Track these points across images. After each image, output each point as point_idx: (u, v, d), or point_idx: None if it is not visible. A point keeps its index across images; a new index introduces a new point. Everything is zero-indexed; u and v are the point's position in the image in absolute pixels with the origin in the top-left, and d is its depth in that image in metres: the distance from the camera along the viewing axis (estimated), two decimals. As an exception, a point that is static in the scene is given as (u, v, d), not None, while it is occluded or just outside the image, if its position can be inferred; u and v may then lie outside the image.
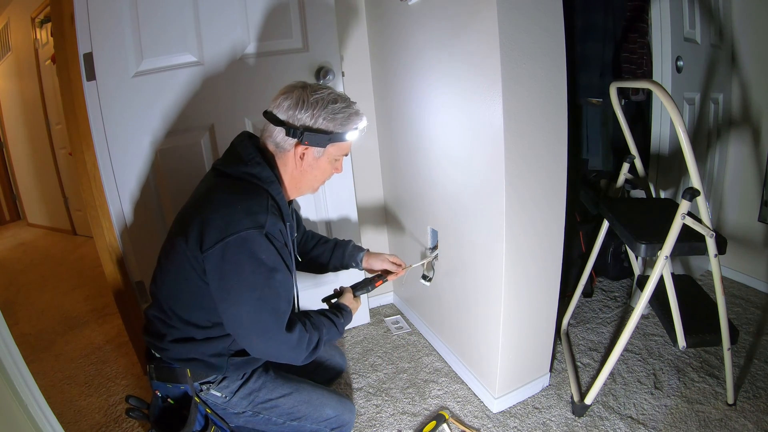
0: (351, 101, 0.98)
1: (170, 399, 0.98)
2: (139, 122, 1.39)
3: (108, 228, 1.44)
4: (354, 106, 0.98)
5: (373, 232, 1.95)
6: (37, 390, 0.88)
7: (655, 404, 1.38)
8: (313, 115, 0.93)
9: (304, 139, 0.93)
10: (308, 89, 0.94)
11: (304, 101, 0.93)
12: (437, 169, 1.45)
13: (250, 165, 0.94)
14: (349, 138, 0.98)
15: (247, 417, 1.02)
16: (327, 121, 0.94)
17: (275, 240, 0.89)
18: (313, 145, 0.95)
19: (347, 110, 0.96)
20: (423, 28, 1.36)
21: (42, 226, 3.96)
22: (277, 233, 0.90)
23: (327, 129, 0.94)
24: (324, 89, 0.95)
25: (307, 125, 0.93)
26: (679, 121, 1.08)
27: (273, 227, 0.89)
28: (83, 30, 1.29)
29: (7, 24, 3.43)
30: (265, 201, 0.90)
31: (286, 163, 0.98)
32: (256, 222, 0.86)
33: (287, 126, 0.93)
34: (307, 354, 0.94)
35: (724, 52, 1.89)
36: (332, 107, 0.94)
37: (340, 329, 1.04)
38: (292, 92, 0.94)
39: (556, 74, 1.15)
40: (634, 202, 1.64)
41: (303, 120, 0.93)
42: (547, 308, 1.39)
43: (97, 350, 1.88)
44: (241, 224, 0.85)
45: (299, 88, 0.95)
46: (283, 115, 0.94)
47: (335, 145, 0.97)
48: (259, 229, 0.86)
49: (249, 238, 0.85)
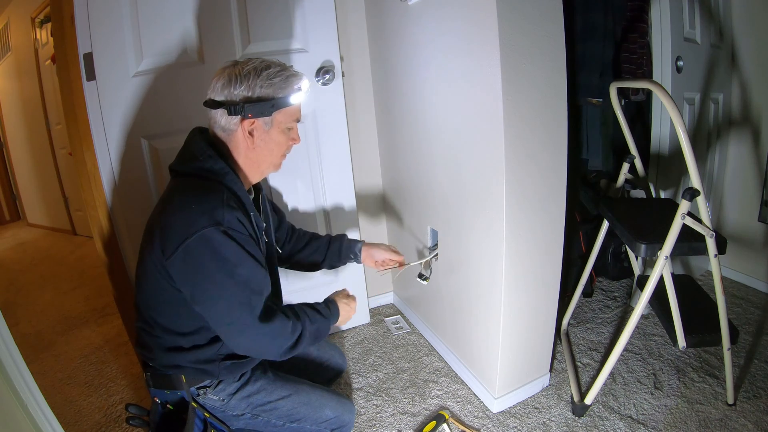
0: (286, 65, 0.95)
1: (169, 405, 0.98)
2: (139, 122, 1.39)
3: (108, 228, 1.44)
4: (291, 69, 0.95)
5: (372, 231, 1.95)
6: (37, 390, 0.88)
7: (655, 404, 1.38)
8: (249, 86, 0.90)
9: (246, 112, 0.90)
10: (238, 64, 0.92)
11: (237, 76, 0.90)
12: (437, 168, 1.45)
13: (201, 160, 0.92)
14: (294, 101, 0.95)
15: (247, 419, 1.02)
16: (265, 88, 0.91)
17: (236, 233, 0.87)
18: (257, 116, 0.92)
19: (284, 73, 0.93)
20: (423, 28, 1.36)
21: (42, 226, 3.96)
22: (238, 226, 0.88)
23: (267, 96, 0.91)
24: (254, 60, 0.93)
25: (246, 96, 0.90)
26: (679, 121, 1.08)
27: (231, 221, 0.86)
28: (83, 30, 1.29)
29: (7, 24, 3.44)
30: (220, 195, 0.88)
31: (237, 145, 0.95)
32: (212, 219, 0.84)
33: (227, 105, 0.91)
34: (291, 344, 0.91)
35: (724, 52, 1.89)
36: (266, 73, 0.91)
37: (324, 324, 1.00)
38: (223, 72, 0.92)
39: (556, 74, 1.15)
40: (634, 202, 1.63)
41: (241, 94, 0.90)
42: (547, 308, 1.39)
43: (97, 350, 1.88)
44: (197, 224, 0.83)
45: (229, 66, 0.93)
46: (219, 96, 0.91)
47: (281, 111, 0.94)
48: (216, 226, 0.84)
49: (207, 237, 0.83)
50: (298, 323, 0.93)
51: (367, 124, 1.82)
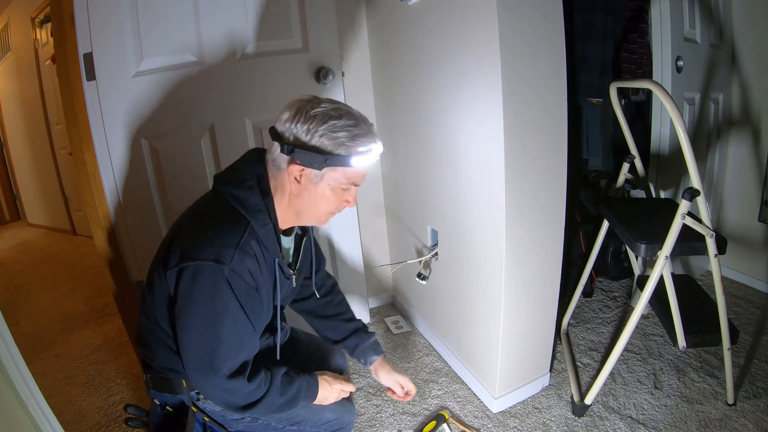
0: (363, 119, 0.84)
1: (168, 407, 0.98)
2: (139, 122, 1.39)
3: (108, 228, 1.44)
4: (363, 126, 0.84)
5: (372, 231, 1.95)
6: (37, 390, 0.88)
7: (655, 404, 1.38)
8: (309, 129, 0.80)
9: (295, 157, 0.81)
10: (313, 101, 0.82)
11: (303, 114, 0.81)
12: (437, 168, 1.45)
13: (241, 188, 0.85)
14: (355, 164, 0.83)
15: (246, 422, 1.02)
16: (324, 138, 0.80)
17: (236, 281, 0.80)
18: (306, 165, 0.82)
19: (353, 129, 0.81)
20: (423, 28, 1.36)
21: (42, 226, 3.96)
22: (244, 273, 0.81)
23: (323, 148, 0.81)
24: (331, 103, 0.83)
25: (300, 140, 0.81)
26: (679, 121, 1.08)
27: (238, 266, 0.80)
28: (83, 30, 1.29)
29: (7, 24, 3.43)
30: (238, 235, 0.81)
31: (283, 184, 0.87)
32: (218, 255, 0.78)
33: (282, 140, 0.83)
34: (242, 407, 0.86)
35: (724, 52, 1.89)
36: (333, 123, 0.80)
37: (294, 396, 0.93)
38: (295, 103, 0.83)
39: (556, 74, 1.15)
40: (634, 202, 1.64)
41: (298, 134, 0.81)
42: (547, 308, 1.39)
43: (97, 350, 1.88)
44: (201, 253, 0.79)
45: (305, 100, 0.83)
46: (281, 127, 0.83)
47: (336, 170, 0.83)
48: (218, 264, 0.78)
49: (204, 271, 0.79)
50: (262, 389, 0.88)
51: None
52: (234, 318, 0.82)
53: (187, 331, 0.83)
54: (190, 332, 0.82)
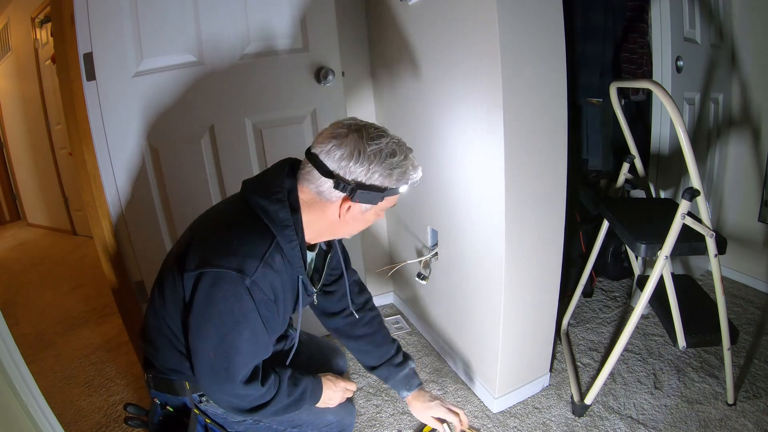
0: (408, 149, 0.88)
1: (169, 407, 0.98)
2: (139, 122, 1.39)
3: (108, 228, 1.44)
4: (410, 156, 0.88)
5: (372, 230, 1.95)
6: (37, 390, 0.88)
7: (655, 404, 1.38)
8: (369, 169, 0.81)
9: (356, 198, 0.83)
10: (364, 137, 0.82)
11: (361, 153, 0.81)
12: (437, 168, 1.45)
13: (270, 200, 0.84)
14: (402, 191, 0.88)
15: (248, 425, 1.02)
16: (383, 177, 0.83)
17: (259, 293, 0.81)
18: (364, 202, 0.84)
19: (404, 163, 0.85)
20: (423, 28, 1.36)
21: (42, 226, 3.96)
22: (266, 286, 0.82)
23: (382, 185, 0.84)
24: (382, 137, 0.83)
25: (360, 181, 0.82)
26: (679, 121, 1.08)
27: (260, 279, 0.80)
28: (83, 30, 1.29)
29: (7, 24, 3.43)
30: (263, 248, 0.82)
31: (324, 211, 0.87)
32: (240, 265, 0.78)
33: (337, 179, 0.82)
34: (249, 410, 0.88)
35: (724, 52, 1.89)
36: (390, 162, 0.83)
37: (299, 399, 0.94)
38: (346, 138, 0.82)
39: (556, 74, 1.15)
40: (634, 202, 1.64)
41: (356, 174, 0.81)
42: (547, 308, 1.39)
43: (97, 350, 1.88)
44: (223, 260, 0.79)
45: (354, 133, 0.82)
46: (333, 164, 0.82)
47: (387, 199, 0.87)
48: (240, 274, 0.78)
49: (225, 279, 0.78)
50: (271, 391, 0.89)
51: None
52: (252, 329, 0.83)
53: (202, 338, 0.82)
54: (206, 340, 0.82)
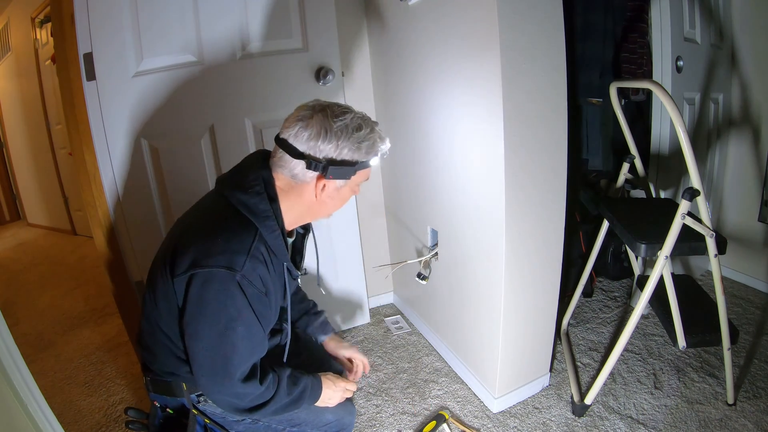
0: (373, 123, 0.90)
1: (169, 409, 0.98)
2: (139, 122, 1.39)
3: (108, 228, 1.44)
4: (377, 129, 0.90)
5: (372, 230, 1.95)
6: (37, 390, 0.88)
7: (655, 404, 1.38)
8: (338, 146, 0.84)
9: (328, 174, 0.85)
10: (329, 115, 0.85)
11: (327, 131, 0.83)
12: (437, 168, 1.45)
13: (249, 193, 0.86)
14: (373, 163, 0.91)
15: (247, 424, 1.02)
16: (352, 151, 0.86)
17: (248, 286, 0.82)
18: (337, 178, 0.87)
19: (372, 136, 0.88)
20: (423, 28, 1.36)
21: (42, 226, 3.96)
22: (255, 279, 0.83)
23: (352, 160, 0.86)
24: (346, 114, 0.86)
25: (330, 158, 0.85)
26: (679, 121, 1.08)
27: (250, 272, 0.81)
28: (83, 30, 1.29)
29: (7, 24, 3.43)
30: (248, 241, 0.83)
31: (301, 194, 0.89)
32: (229, 262, 0.79)
33: (308, 159, 0.84)
34: (249, 409, 0.88)
35: (724, 52, 1.89)
36: (357, 135, 0.85)
37: (297, 397, 0.95)
38: (311, 119, 0.84)
39: (556, 74, 1.15)
40: (634, 202, 1.64)
41: (326, 152, 0.84)
42: (547, 308, 1.39)
43: (97, 350, 1.88)
44: (213, 260, 0.79)
45: (318, 113, 0.85)
46: (302, 146, 0.84)
47: (359, 173, 0.90)
48: (231, 271, 0.79)
49: (216, 278, 0.79)
50: (271, 390, 0.89)
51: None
52: (247, 324, 0.83)
53: (198, 339, 0.82)
54: (202, 340, 0.82)
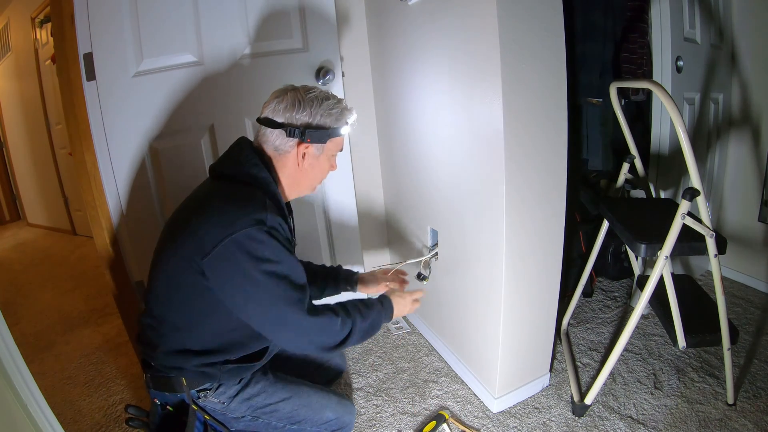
0: (339, 98, 1.02)
1: (169, 406, 0.98)
2: (139, 122, 1.39)
3: (108, 228, 1.44)
4: (343, 101, 1.02)
5: (372, 230, 1.95)
6: (37, 390, 0.88)
7: (655, 404, 1.38)
8: (312, 113, 0.96)
9: (306, 137, 0.96)
10: (300, 90, 0.98)
11: (301, 101, 0.96)
12: (437, 168, 1.45)
13: (247, 166, 0.95)
14: (343, 132, 1.02)
15: (247, 421, 1.02)
16: (324, 117, 0.97)
17: (278, 234, 0.90)
18: (315, 141, 0.97)
19: (339, 105, 1.00)
20: (423, 28, 1.36)
21: (42, 226, 3.95)
22: (278, 226, 0.91)
23: (326, 125, 0.97)
24: (315, 88, 0.99)
25: (307, 122, 0.96)
26: (679, 121, 1.08)
27: (274, 221, 0.89)
28: (83, 30, 1.29)
29: (7, 24, 3.43)
30: (262, 200, 0.91)
31: (285, 164, 1.00)
32: (255, 219, 0.86)
33: (287, 127, 0.95)
34: (341, 339, 0.94)
35: (724, 52, 1.89)
36: (327, 103, 0.97)
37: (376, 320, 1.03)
38: (285, 95, 0.97)
39: (556, 74, 1.15)
40: (634, 202, 1.64)
41: (302, 119, 0.96)
42: (547, 308, 1.39)
43: (97, 350, 1.88)
44: (238, 225, 0.85)
45: (290, 90, 0.98)
46: (280, 117, 0.96)
47: (333, 140, 1.01)
48: (259, 225, 0.86)
49: (248, 237, 0.85)
50: (348, 319, 0.96)
51: (367, 124, 1.82)
52: (288, 260, 0.90)
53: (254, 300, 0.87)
54: (258, 299, 0.87)
